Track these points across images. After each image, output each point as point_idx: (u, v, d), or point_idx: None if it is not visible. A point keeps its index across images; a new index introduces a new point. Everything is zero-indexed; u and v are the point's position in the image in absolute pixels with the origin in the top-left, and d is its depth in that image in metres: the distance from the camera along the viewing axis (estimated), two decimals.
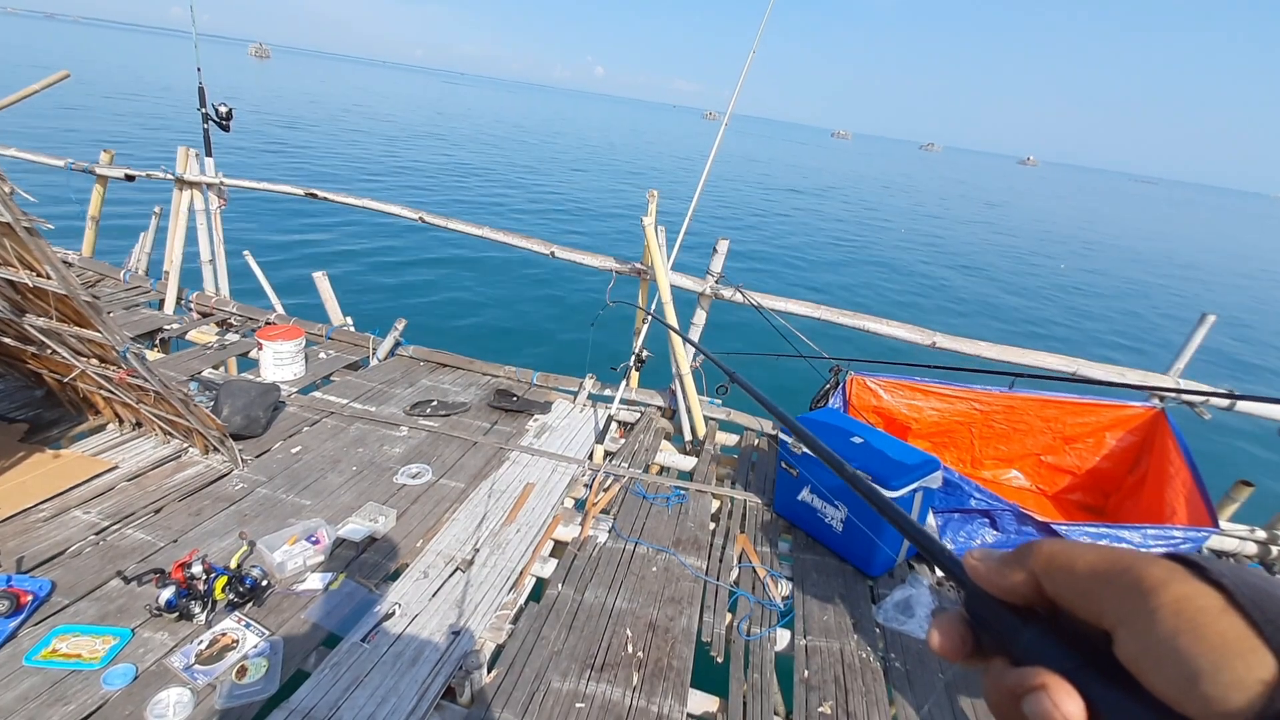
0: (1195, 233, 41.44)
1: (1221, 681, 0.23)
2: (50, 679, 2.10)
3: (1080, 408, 3.90)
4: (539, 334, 8.52)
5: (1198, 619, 0.24)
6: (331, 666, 2.27)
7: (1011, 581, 0.32)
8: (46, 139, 15.50)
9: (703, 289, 4.12)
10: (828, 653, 2.60)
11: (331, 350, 4.81)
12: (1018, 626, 0.31)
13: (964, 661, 0.33)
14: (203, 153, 5.13)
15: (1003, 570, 0.32)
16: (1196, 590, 0.25)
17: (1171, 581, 0.26)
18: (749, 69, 4.18)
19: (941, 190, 42.93)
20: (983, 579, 0.33)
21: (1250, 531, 3.60)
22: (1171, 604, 0.25)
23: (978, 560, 0.34)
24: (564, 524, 3.23)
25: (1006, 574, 0.32)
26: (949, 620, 0.34)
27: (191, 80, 5.05)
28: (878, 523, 2.91)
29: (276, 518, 3.00)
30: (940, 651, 0.33)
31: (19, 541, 2.66)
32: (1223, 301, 17.28)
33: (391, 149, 23.40)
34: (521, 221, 14.53)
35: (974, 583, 0.33)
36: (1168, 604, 0.25)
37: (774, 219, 19.98)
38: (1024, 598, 0.31)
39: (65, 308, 2.80)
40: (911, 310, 11.72)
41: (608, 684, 2.34)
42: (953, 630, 0.33)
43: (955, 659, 0.33)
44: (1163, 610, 0.25)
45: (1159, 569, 0.26)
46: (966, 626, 0.33)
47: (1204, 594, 0.25)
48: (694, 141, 54.80)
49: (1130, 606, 0.26)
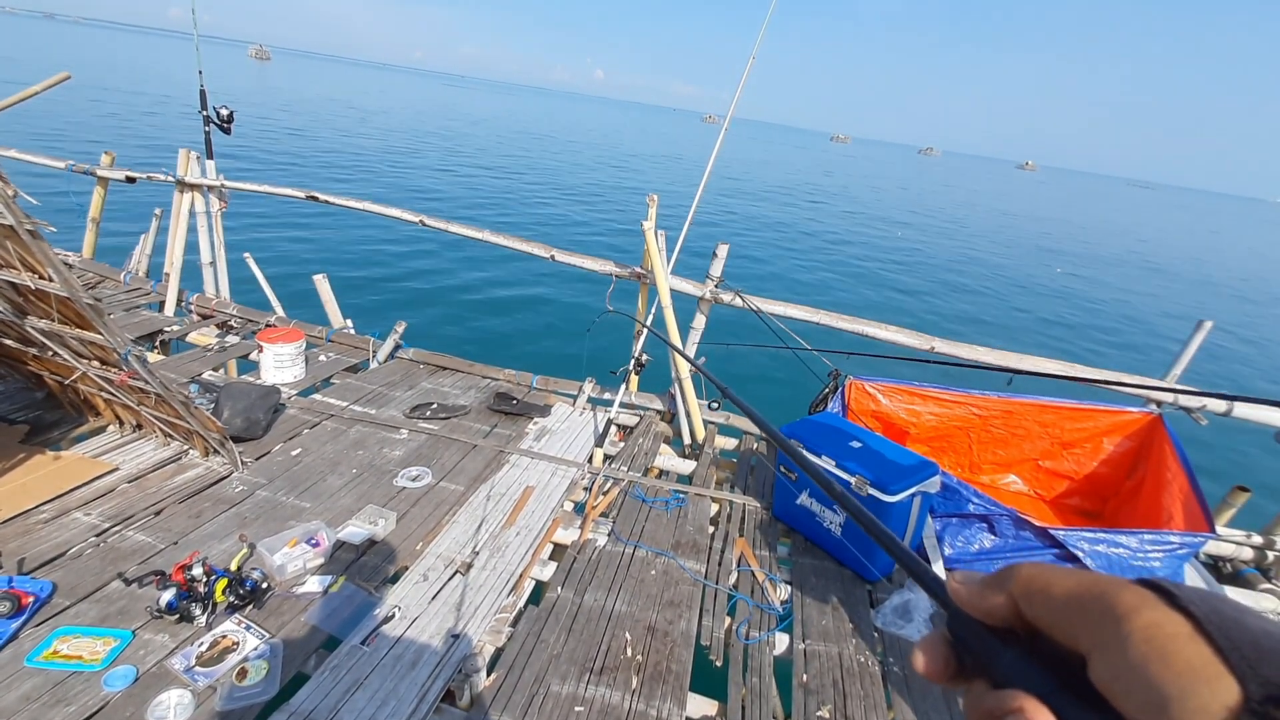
0: (1198, 236, 41.56)
1: (1188, 707, 0.23)
2: (51, 680, 2.10)
3: (1078, 413, 3.91)
4: (538, 337, 8.54)
5: (1167, 645, 0.25)
6: (331, 669, 2.27)
7: (992, 604, 0.32)
8: (47, 140, 15.52)
9: (702, 293, 4.14)
10: (826, 657, 2.61)
11: (332, 353, 4.82)
12: (998, 649, 0.31)
13: (947, 683, 0.34)
14: (203, 155, 5.15)
15: (983, 593, 0.33)
16: (1166, 617, 0.26)
17: (1143, 608, 0.26)
18: (749, 73, 4.20)
19: (949, 195, 43.01)
20: (964, 601, 0.33)
21: (1247, 537, 3.61)
22: (1142, 630, 0.25)
23: (960, 583, 0.34)
24: (563, 527, 3.24)
25: (987, 597, 0.32)
26: (932, 642, 0.34)
27: (192, 83, 5.06)
28: None
29: (276, 520, 3.00)
30: (924, 673, 0.34)
31: (20, 543, 2.66)
32: (1222, 307, 17.34)
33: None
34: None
35: (956, 605, 0.34)
36: (1139, 630, 0.25)
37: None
38: (1004, 620, 0.32)
39: (67, 310, 2.80)
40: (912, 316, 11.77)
41: (607, 687, 2.34)
42: (936, 652, 0.34)
43: (939, 680, 0.34)
44: (1134, 636, 0.25)
45: (1131, 595, 0.27)
46: (950, 648, 0.34)
47: (1173, 621, 0.25)
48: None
49: (1104, 632, 0.27)
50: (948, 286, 14.61)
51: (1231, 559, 3.63)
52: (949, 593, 0.34)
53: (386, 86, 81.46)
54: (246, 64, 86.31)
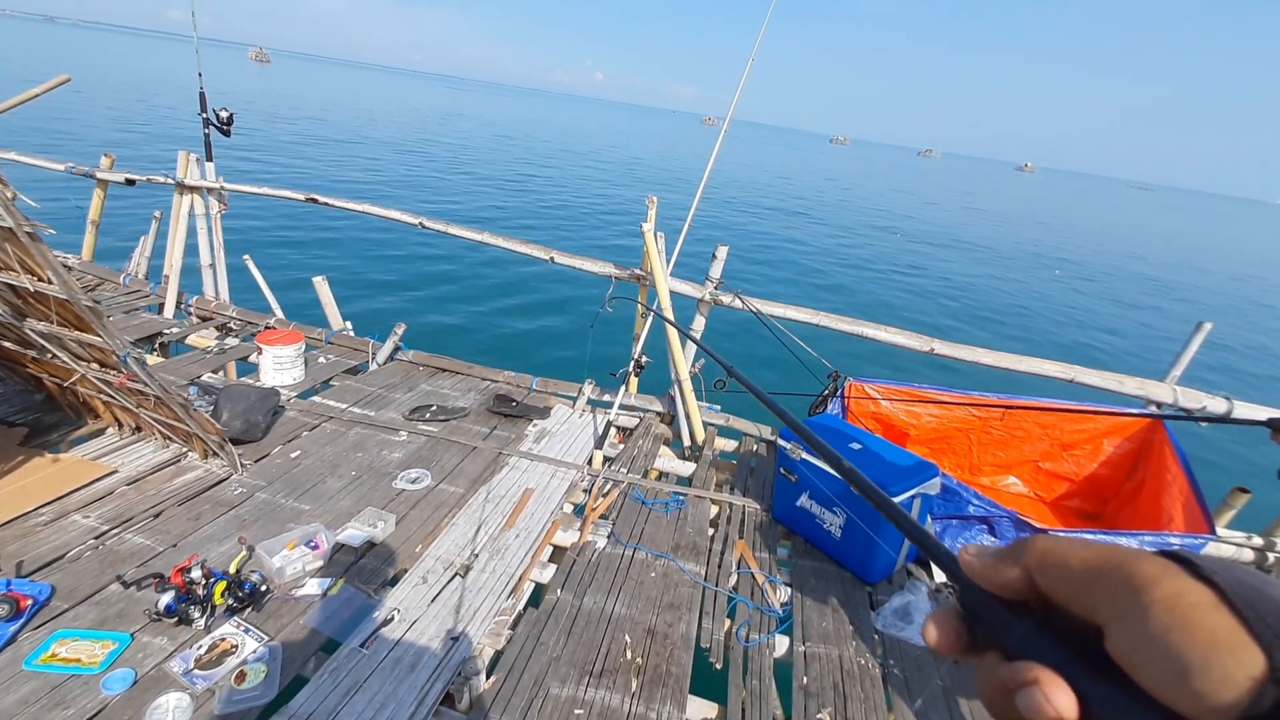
0: (1199, 239, 41.53)
1: (1211, 677, 0.23)
2: (50, 683, 2.10)
3: (1078, 415, 3.91)
4: (539, 339, 8.54)
5: (1189, 615, 0.24)
6: (330, 672, 2.27)
7: (1006, 577, 0.32)
8: (47, 142, 15.52)
9: (702, 295, 4.14)
10: (826, 659, 2.60)
11: (331, 355, 4.81)
12: (1011, 622, 0.31)
13: (958, 655, 0.34)
14: (203, 157, 5.15)
15: (997, 566, 0.33)
16: (1188, 587, 0.25)
17: (1164, 578, 0.26)
18: (748, 75, 4.20)
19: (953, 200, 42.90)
20: (977, 574, 0.33)
21: (1247, 538, 3.60)
22: (1163, 600, 0.25)
23: (973, 556, 0.34)
24: (563, 529, 3.24)
25: (1001, 569, 0.32)
26: (944, 615, 0.34)
27: (192, 86, 5.07)
28: (877, 529, 2.92)
29: (275, 522, 3.00)
30: (935, 645, 0.34)
31: (18, 546, 2.66)
32: (1222, 307, 17.34)
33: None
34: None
35: (969, 578, 0.34)
36: (1160, 600, 0.25)
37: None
38: (1018, 593, 0.32)
39: (66, 312, 2.80)
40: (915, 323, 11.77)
41: (606, 690, 2.34)
42: (948, 624, 0.34)
43: (950, 653, 0.34)
44: (1155, 606, 0.25)
45: (1152, 565, 0.27)
46: (961, 621, 0.34)
47: (1196, 591, 0.25)
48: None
49: (1123, 602, 0.26)
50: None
51: (1232, 561, 3.62)
52: (962, 566, 0.34)
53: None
54: (247, 66, 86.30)
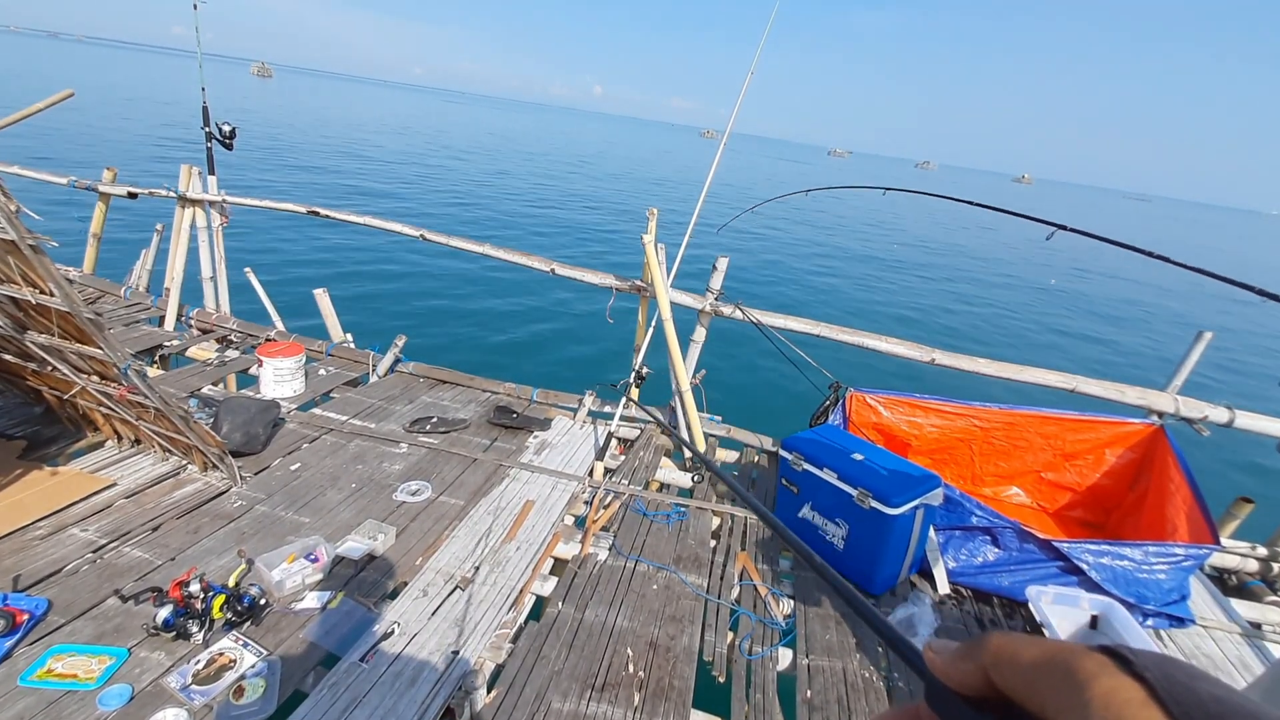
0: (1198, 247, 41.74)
1: None
2: (46, 699, 2.07)
3: (1080, 424, 3.90)
4: (539, 350, 8.54)
5: (1122, 711, 0.25)
6: (330, 687, 2.24)
7: (965, 674, 0.33)
8: (50, 155, 15.62)
9: (702, 306, 4.14)
10: (830, 672, 2.57)
11: (331, 367, 4.81)
12: (972, 719, 0.32)
13: None
14: (205, 170, 5.18)
15: (957, 663, 0.33)
16: (1121, 683, 0.27)
17: (1101, 674, 0.27)
18: (747, 89, 4.23)
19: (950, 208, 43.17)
20: (940, 671, 0.34)
21: (1251, 549, 3.59)
22: (1100, 697, 0.26)
23: (935, 653, 0.35)
24: (564, 541, 3.22)
25: (960, 666, 0.33)
26: (910, 713, 0.35)
27: (196, 102, 5.10)
28: (880, 540, 2.90)
29: (275, 535, 2.98)
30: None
31: (15, 559, 2.64)
32: (1221, 316, 17.38)
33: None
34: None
35: (932, 675, 0.34)
36: (1097, 697, 0.26)
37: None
38: (978, 690, 0.32)
39: (67, 324, 2.80)
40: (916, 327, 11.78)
41: (609, 704, 2.31)
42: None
43: None
44: (1093, 703, 0.26)
45: (1089, 662, 0.28)
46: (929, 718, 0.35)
47: (1129, 687, 0.26)
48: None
49: (1066, 699, 0.28)
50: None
51: (1236, 571, 3.60)
52: (926, 662, 0.35)
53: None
54: (249, 81, 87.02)
